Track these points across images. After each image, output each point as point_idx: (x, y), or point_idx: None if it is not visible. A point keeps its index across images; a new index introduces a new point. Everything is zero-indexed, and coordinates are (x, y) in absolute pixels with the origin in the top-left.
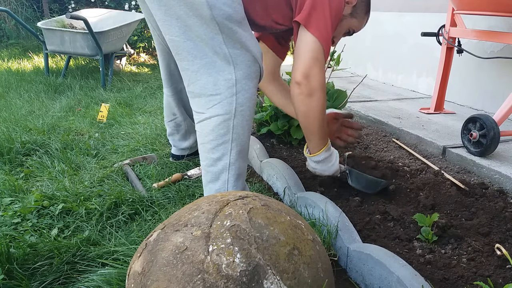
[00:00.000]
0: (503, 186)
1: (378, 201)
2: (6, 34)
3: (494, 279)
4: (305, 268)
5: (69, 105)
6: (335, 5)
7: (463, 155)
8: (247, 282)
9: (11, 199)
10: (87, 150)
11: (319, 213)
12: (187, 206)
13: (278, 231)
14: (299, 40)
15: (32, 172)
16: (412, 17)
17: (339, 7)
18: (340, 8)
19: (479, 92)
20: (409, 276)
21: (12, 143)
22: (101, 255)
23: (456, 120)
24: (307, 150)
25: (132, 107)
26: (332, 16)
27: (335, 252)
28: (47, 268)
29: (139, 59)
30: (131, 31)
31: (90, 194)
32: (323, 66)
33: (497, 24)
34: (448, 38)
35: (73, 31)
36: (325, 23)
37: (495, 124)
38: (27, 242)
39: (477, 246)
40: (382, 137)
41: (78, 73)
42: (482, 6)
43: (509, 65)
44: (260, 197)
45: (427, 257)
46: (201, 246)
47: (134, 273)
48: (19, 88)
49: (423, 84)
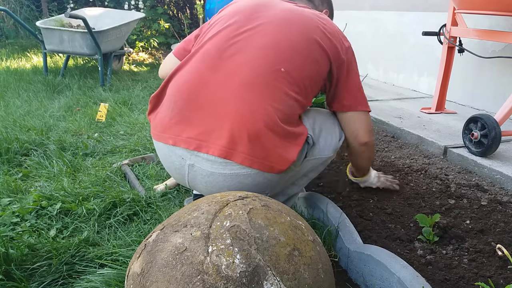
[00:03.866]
0: (504, 186)
1: (378, 201)
2: (5, 34)
3: (495, 280)
4: (305, 269)
5: (68, 105)
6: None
7: (464, 155)
8: (247, 283)
9: (9, 199)
10: (86, 150)
11: (319, 214)
12: (187, 206)
13: (278, 231)
14: (351, 119)
15: (30, 172)
16: (413, 16)
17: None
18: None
19: (480, 91)
20: (410, 277)
21: (10, 143)
22: (100, 256)
23: (457, 120)
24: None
25: (131, 107)
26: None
27: (336, 253)
28: (45, 269)
29: (138, 59)
30: (130, 30)
31: (88, 194)
32: None
33: (498, 23)
34: (449, 38)
35: (72, 30)
36: (362, 94)
37: (496, 124)
38: (25, 242)
39: (478, 246)
40: (383, 137)
41: (77, 73)
42: (483, 5)
43: (510, 64)
44: (260, 198)
45: (428, 258)
46: (201, 247)
47: (133, 274)
48: (18, 88)
49: (424, 83)
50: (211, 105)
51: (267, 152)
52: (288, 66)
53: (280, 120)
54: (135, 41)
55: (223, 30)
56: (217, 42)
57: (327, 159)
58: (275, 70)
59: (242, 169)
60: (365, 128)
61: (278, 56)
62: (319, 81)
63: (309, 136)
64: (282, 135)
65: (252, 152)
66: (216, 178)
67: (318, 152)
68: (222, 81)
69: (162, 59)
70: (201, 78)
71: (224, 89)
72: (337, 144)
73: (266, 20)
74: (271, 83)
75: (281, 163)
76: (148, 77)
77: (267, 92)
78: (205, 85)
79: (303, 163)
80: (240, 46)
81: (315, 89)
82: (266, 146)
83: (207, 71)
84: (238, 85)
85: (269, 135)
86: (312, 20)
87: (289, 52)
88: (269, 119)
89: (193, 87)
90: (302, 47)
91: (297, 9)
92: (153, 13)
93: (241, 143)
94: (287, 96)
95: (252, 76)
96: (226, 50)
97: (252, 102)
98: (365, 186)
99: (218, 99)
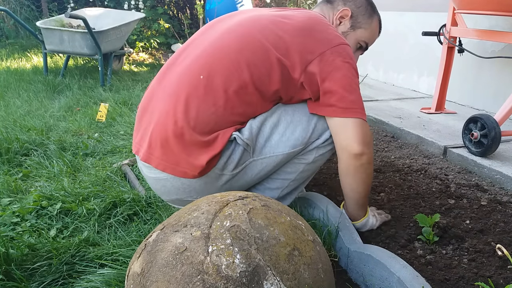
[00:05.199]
0: (504, 186)
1: (378, 201)
2: (5, 34)
3: (495, 280)
4: (305, 269)
5: (68, 105)
6: (354, 61)
7: (464, 155)
8: (247, 283)
9: (9, 199)
10: (86, 150)
11: (319, 214)
12: (187, 206)
13: (278, 231)
14: (336, 130)
15: (30, 172)
16: (413, 17)
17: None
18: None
19: (480, 91)
20: (409, 277)
21: (10, 143)
22: (100, 255)
23: (457, 120)
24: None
25: (131, 107)
26: (357, 76)
27: (336, 252)
28: (46, 268)
29: (138, 59)
30: (131, 30)
31: (89, 194)
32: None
33: (498, 23)
34: (449, 38)
35: (72, 30)
36: (357, 95)
37: (496, 124)
38: (25, 242)
39: (478, 246)
40: (383, 137)
41: (77, 73)
42: (483, 5)
43: (510, 64)
44: (260, 198)
45: (428, 258)
46: (201, 247)
47: (133, 274)
48: (18, 88)
49: (424, 83)
50: (150, 113)
51: (176, 158)
52: (209, 72)
53: (191, 128)
54: (135, 41)
55: (184, 44)
56: (172, 57)
57: (288, 155)
58: (195, 78)
59: (160, 174)
60: (353, 130)
61: (202, 63)
62: (262, 85)
63: (236, 137)
64: (191, 142)
65: (165, 157)
66: (149, 181)
67: (269, 150)
68: (161, 90)
69: (162, 59)
70: (151, 90)
71: (159, 97)
72: (304, 138)
73: (218, 29)
74: (189, 92)
75: (191, 169)
76: (148, 77)
77: (183, 101)
78: (153, 96)
79: (251, 164)
80: (183, 57)
81: (257, 95)
82: (175, 152)
83: (156, 83)
84: (167, 94)
85: (176, 142)
86: (265, 28)
87: (216, 57)
88: (176, 127)
89: (146, 99)
90: (235, 51)
91: (259, 16)
92: (153, 13)
93: (156, 148)
94: (204, 104)
95: (174, 86)
96: (174, 62)
97: (167, 111)
98: (366, 230)
99: (153, 107)
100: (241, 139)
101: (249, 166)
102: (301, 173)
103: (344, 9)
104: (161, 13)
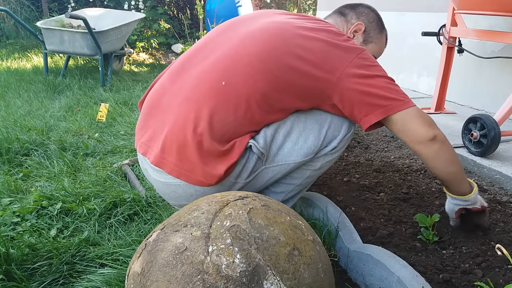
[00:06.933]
0: (503, 186)
1: (378, 201)
2: (6, 34)
3: (495, 280)
4: (305, 268)
5: (68, 105)
6: (378, 63)
7: (463, 155)
8: (247, 282)
9: (10, 199)
10: (86, 150)
11: (319, 214)
12: (187, 206)
13: (278, 231)
14: (398, 128)
15: (31, 172)
16: (412, 17)
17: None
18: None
19: (479, 92)
20: (409, 277)
21: (11, 143)
22: (100, 255)
23: (456, 120)
24: (456, 197)
25: (131, 107)
26: (385, 72)
27: (336, 252)
28: (46, 268)
29: (138, 59)
30: (131, 30)
31: (89, 194)
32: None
33: (497, 23)
34: (448, 38)
35: (72, 30)
36: (396, 88)
37: (495, 124)
38: (26, 242)
39: (477, 246)
40: (383, 137)
41: (77, 73)
42: (483, 5)
43: (510, 64)
44: (260, 197)
45: (428, 258)
46: (201, 247)
47: (134, 274)
48: (19, 88)
49: (424, 84)
50: (161, 113)
51: (192, 166)
52: (230, 79)
53: (210, 136)
54: (136, 42)
55: (197, 44)
56: (185, 56)
57: (299, 164)
58: (215, 84)
59: (172, 179)
60: (416, 121)
61: (222, 68)
62: (287, 95)
63: (252, 145)
64: (208, 151)
65: (180, 163)
66: (157, 184)
67: (281, 158)
68: (175, 92)
69: (163, 60)
70: (162, 88)
71: (173, 100)
72: (315, 146)
73: (239, 33)
74: (210, 98)
75: (208, 178)
76: (148, 77)
77: (203, 107)
78: (163, 95)
79: (262, 171)
80: (200, 59)
81: (278, 108)
82: (192, 160)
83: (168, 83)
84: (183, 97)
85: (193, 149)
86: (290, 42)
87: (239, 65)
88: (195, 134)
89: (155, 97)
90: (259, 61)
91: (280, 21)
92: (153, 14)
93: (170, 153)
94: (225, 112)
95: (194, 90)
96: (189, 62)
97: (186, 116)
98: (475, 209)
99: (166, 108)
100: (257, 148)
101: (260, 174)
102: (306, 178)
103: (358, 23)
104: (161, 14)
